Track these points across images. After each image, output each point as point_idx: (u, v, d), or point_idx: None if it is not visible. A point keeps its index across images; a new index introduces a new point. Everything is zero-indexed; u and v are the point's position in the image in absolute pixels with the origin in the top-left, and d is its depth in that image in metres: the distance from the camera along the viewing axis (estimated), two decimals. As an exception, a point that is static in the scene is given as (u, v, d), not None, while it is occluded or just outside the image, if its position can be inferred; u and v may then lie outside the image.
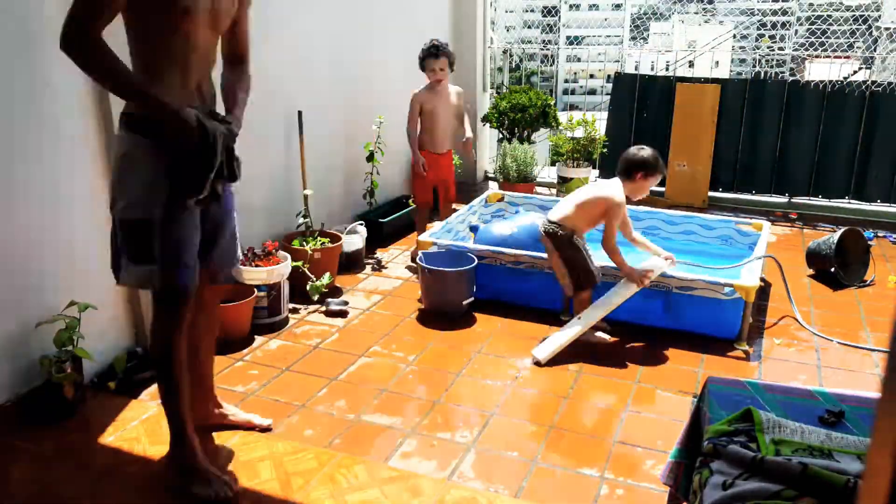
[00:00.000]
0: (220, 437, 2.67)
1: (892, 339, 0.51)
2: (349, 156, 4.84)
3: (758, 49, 9.54)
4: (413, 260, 4.36)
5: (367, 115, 4.85)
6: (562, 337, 3.38)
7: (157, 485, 2.43)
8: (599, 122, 6.10)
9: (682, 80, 6.10)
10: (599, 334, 3.53)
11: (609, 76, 6.58)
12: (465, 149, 4.67)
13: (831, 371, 3.30)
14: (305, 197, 4.17)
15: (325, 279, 3.94)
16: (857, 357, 3.45)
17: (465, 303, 3.75)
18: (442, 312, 3.78)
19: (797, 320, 3.76)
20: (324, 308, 3.85)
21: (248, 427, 2.72)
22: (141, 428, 2.73)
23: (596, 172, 6.39)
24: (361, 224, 4.62)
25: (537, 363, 3.30)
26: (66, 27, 1.92)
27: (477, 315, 3.82)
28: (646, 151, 3.48)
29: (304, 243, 4.03)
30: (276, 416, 2.85)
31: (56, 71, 2.77)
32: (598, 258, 3.55)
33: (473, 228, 4.44)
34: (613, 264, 3.49)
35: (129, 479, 2.46)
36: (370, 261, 4.60)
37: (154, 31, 2.04)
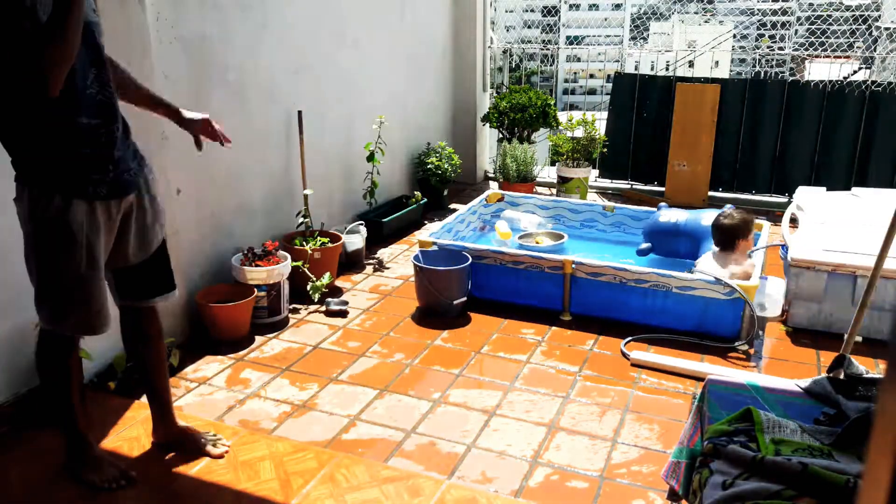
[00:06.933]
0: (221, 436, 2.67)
1: (892, 339, 0.51)
2: (349, 156, 4.84)
3: (758, 49, 9.53)
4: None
5: (367, 115, 4.85)
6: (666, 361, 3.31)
7: (158, 484, 2.43)
8: (599, 122, 6.09)
9: (682, 80, 6.09)
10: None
11: (609, 76, 6.57)
12: None
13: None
14: (305, 197, 4.18)
15: (326, 279, 3.94)
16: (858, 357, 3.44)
17: (456, 302, 3.75)
18: (437, 311, 3.78)
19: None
20: (324, 308, 3.85)
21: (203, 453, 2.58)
22: (141, 428, 2.73)
23: (596, 172, 6.39)
24: (362, 224, 4.61)
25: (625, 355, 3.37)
26: None
27: (478, 315, 3.82)
28: (737, 216, 3.73)
29: (304, 243, 4.03)
30: (276, 416, 2.85)
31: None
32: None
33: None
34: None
35: (129, 478, 2.46)
36: (370, 261, 4.61)
37: None
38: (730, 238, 3.72)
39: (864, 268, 3.36)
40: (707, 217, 4.14)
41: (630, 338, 3.52)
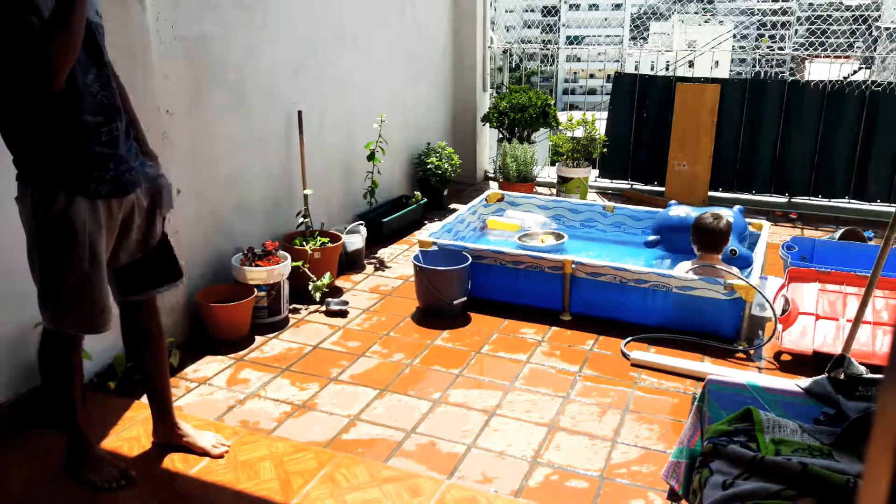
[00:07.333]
0: (223, 436, 2.67)
1: (892, 338, 0.51)
2: (349, 156, 4.84)
3: (758, 49, 9.53)
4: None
5: (367, 115, 4.85)
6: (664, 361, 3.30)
7: (158, 484, 2.43)
8: (599, 122, 6.10)
9: (682, 79, 6.09)
10: None
11: (609, 76, 6.58)
12: None
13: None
14: (305, 197, 4.18)
15: (326, 279, 3.94)
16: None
17: (456, 302, 3.75)
18: (437, 311, 3.78)
19: None
20: (324, 308, 3.85)
21: (203, 453, 2.59)
22: (141, 428, 2.73)
23: (596, 172, 6.39)
24: (362, 224, 4.61)
25: (626, 356, 3.38)
26: None
27: (477, 315, 3.82)
28: (722, 218, 3.71)
29: (305, 243, 4.03)
30: (276, 416, 2.85)
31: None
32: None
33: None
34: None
35: (129, 478, 2.45)
36: (371, 261, 4.61)
37: None
38: (721, 240, 3.70)
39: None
40: None
41: (630, 338, 3.52)
